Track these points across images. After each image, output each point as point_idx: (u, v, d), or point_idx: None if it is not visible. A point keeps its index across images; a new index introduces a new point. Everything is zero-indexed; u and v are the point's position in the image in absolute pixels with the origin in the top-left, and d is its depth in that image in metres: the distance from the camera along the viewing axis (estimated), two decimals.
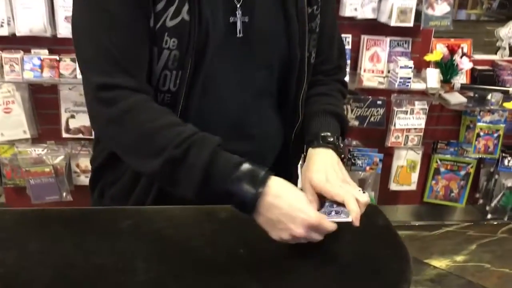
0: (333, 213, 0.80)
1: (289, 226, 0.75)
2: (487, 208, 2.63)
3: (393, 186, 2.54)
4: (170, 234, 0.83)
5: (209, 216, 0.88)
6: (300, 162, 1.05)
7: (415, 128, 2.34)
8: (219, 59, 0.89)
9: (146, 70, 0.87)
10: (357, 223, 0.77)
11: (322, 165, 0.88)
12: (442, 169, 2.60)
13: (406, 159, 2.49)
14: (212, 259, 0.78)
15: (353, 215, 0.77)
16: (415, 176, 2.53)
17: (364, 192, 0.84)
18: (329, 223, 0.77)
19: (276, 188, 0.77)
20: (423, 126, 2.34)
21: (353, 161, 2.41)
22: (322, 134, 0.94)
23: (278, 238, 0.78)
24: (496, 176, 2.58)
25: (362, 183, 2.42)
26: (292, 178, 1.08)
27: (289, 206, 0.76)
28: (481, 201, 2.67)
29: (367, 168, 2.40)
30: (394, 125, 2.32)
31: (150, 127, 0.82)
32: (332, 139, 0.94)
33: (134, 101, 0.83)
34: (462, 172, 2.58)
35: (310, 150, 0.94)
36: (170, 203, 0.89)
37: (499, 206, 2.59)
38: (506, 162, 2.52)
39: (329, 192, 0.83)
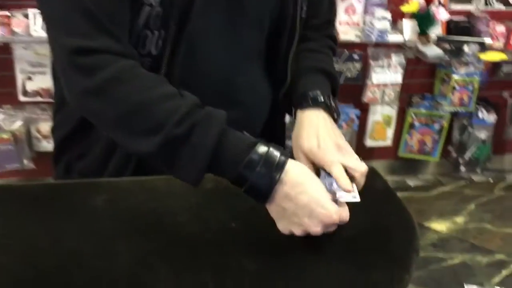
0: (334, 185, 0.72)
1: (305, 222, 0.66)
2: (460, 161, 2.64)
3: (369, 142, 2.50)
4: (152, 209, 0.74)
5: (192, 187, 0.79)
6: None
7: (392, 84, 2.29)
8: (205, 18, 0.78)
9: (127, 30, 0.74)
10: (347, 190, 0.70)
11: (313, 129, 0.80)
12: (416, 124, 2.57)
13: (382, 114, 2.44)
14: (201, 235, 0.70)
15: (342, 186, 0.70)
16: (390, 132, 2.50)
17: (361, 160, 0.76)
18: (346, 213, 0.69)
19: (295, 176, 0.68)
20: (400, 80, 2.29)
21: None
22: (311, 94, 0.85)
23: (286, 231, 0.69)
24: (470, 129, 2.58)
25: None
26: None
27: (309, 199, 0.67)
28: (454, 154, 2.68)
29: (344, 125, 2.34)
30: (371, 80, 2.26)
31: (142, 99, 0.69)
32: (322, 99, 0.85)
33: (119, 67, 0.70)
34: (436, 126, 2.57)
35: (299, 113, 0.85)
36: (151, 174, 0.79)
37: (472, 158, 2.60)
38: (480, 114, 2.52)
39: (321, 160, 0.75)
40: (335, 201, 0.68)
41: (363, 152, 2.53)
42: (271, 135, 0.92)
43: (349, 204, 0.70)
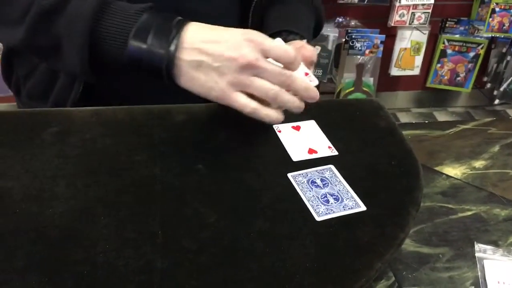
0: None
1: (231, 54, 0.53)
2: (495, 92, 2.43)
3: (394, 71, 2.31)
4: (107, 146, 0.64)
5: (160, 120, 0.68)
6: None
7: (422, 4, 2.05)
8: None
9: None
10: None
11: None
12: (449, 51, 2.35)
13: (410, 41, 2.23)
14: (158, 179, 0.59)
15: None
16: (419, 60, 2.29)
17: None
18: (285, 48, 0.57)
19: (197, 25, 0.56)
20: (432, 1, 2.04)
21: (350, 43, 2.15)
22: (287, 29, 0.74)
23: (223, 85, 0.55)
24: (509, 58, 2.34)
25: (360, 69, 2.19)
26: None
27: (218, 32, 0.55)
28: (488, 85, 2.46)
29: (367, 51, 2.15)
30: (399, 0, 2.02)
31: None
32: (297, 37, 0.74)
33: None
34: (471, 54, 2.34)
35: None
36: (101, 102, 0.68)
37: (508, 90, 2.39)
38: None
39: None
40: None
41: (387, 81, 2.35)
42: None
43: (345, 140, 0.57)
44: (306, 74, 0.66)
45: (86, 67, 0.57)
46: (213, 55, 0.54)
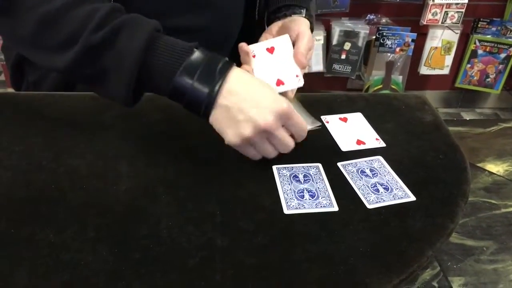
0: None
1: (254, 114, 0.57)
2: None
3: (424, 70, 2.30)
4: (164, 131, 0.66)
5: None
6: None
7: (456, 3, 2.04)
8: None
9: None
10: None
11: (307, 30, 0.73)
12: (480, 51, 2.33)
13: (442, 40, 2.22)
14: (217, 163, 0.61)
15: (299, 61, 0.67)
16: (449, 59, 2.28)
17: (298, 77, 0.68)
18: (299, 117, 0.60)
19: (239, 75, 0.59)
20: (466, 0, 2.03)
21: (381, 41, 2.15)
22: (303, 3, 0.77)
23: (236, 139, 0.58)
24: None
25: (389, 67, 2.18)
26: None
27: (255, 90, 0.58)
28: None
29: (397, 49, 2.14)
30: None
31: (48, 10, 0.57)
32: (303, 11, 0.78)
33: None
34: (502, 55, 2.32)
35: (284, 20, 0.77)
36: None
37: None
38: None
39: (291, 29, 0.72)
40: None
41: (416, 80, 2.34)
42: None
43: (391, 133, 0.59)
44: (297, 75, 0.67)
45: (130, 98, 0.58)
46: (242, 111, 0.57)
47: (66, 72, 0.60)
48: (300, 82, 0.66)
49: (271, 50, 0.69)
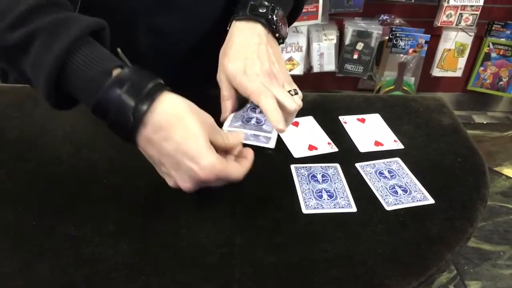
0: (253, 121, 0.61)
1: (173, 175, 0.51)
2: None
3: (436, 72, 2.29)
4: None
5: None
6: None
7: (471, 6, 2.03)
8: None
9: None
10: (280, 131, 0.57)
11: (243, 48, 0.63)
12: (493, 54, 2.31)
13: (455, 42, 2.20)
14: None
15: (273, 123, 0.57)
16: (462, 62, 2.26)
17: (296, 93, 0.62)
18: (235, 169, 0.53)
19: (162, 114, 0.50)
20: (481, 3, 2.01)
21: (394, 42, 2.14)
22: (253, 1, 0.66)
23: (168, 180, 0.53)
24: None
25: (402, 68, 2.18)
26: None
27: (175, 148, 0.50)
28: None
29: (410, 50, 2.13)
30: (448, 0, 2.00)
31: None
32: (264, 10, 0.65)
33: None
34: None
35: (233, 24, 0.66)
36: None
37: None
38: None
39: (246, 90, 0.60)
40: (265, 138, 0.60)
41: (427, 81, 2.33)
42: None
43: (410, 136, 0.59)
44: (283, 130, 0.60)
45: (63, 106, 0.52)
46: (164, 164, 0.51)
47: None
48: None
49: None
